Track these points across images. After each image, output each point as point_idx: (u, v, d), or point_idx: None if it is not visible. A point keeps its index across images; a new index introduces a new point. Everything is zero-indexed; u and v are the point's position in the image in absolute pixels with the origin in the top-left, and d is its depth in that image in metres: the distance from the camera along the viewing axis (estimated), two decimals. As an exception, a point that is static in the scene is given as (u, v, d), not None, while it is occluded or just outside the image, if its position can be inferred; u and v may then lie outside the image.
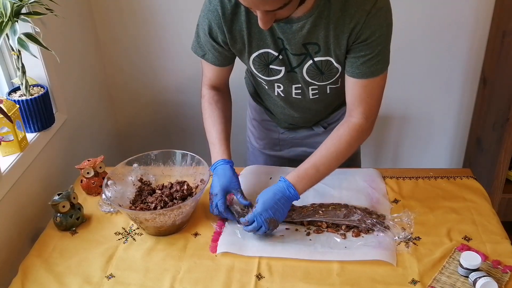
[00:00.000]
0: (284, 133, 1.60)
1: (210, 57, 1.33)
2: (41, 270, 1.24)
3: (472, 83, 2.24)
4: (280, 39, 1.22)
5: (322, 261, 1.22)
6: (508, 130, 2.00)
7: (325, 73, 1.29)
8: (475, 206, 1.38)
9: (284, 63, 1.28)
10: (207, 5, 1.24)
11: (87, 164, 1.50)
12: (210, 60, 1.34)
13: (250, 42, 1.25)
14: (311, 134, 1.59)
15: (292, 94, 1.38)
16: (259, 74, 1.33)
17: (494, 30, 2.06)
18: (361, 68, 1.22)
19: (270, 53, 1.26)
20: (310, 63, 1.26)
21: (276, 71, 1.30)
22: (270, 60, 1.28)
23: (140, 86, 2.29)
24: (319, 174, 1.29)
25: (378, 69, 1.22)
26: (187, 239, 1.32)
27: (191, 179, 1.44)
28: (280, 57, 1.26)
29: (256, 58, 1.28)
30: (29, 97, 1.52)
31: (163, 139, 2.44)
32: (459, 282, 1.14)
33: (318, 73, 1.29)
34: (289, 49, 1.24)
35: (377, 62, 1.21)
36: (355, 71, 1.23)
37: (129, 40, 2.17)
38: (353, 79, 1.24)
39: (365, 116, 1.29)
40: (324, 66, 1.26)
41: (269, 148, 1.65)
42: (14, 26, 1.39)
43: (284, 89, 1.37)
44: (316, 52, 1.23)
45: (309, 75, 1.30)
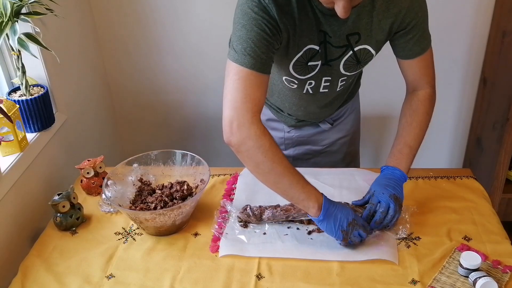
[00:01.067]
0: (290, 132, 1.60)
1: (262, 64, 1.14)
2: (41, 270, 1.24)
3: (472, 83, 2.24)
4: (322, 32, 1.21)
5: (322, 261, 1.22)
6: (508, 130, 2.00)
7: (362, 62, 1.30)
8: (475, 206, 1.38)
9: (321, 56, 1.27)
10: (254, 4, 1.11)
11: (87, 164, 1.50)
12: (262, 69, 1.14)
13: (299, 41, 1.19)
14: (317, 132, 1.60)
15: (320, 89, 1.37)
16: (297, 74, 1.29)
17: (494, 30, 2.06)
18: (414, 49, 1.28)
19: (313, 48, 1.23)
20: (350, 54, 1.26)
21: (313, 67, 1.28)
22: (310, 56, 1.25)
23: (140, 86, 2.29)
24: (413, 150, 1.33)
25: (427, 43, 1.29)
26: (187, 239, 1.32)
27: (191, 179, 1.44)
28: (319, 51, 1.25)
29: (300, 57, 1.24)
30: (29, 97, 1.52)
31: (163, 139, 2.44)
32: (459, 282, 1.14)
33: (355, 63, 1.30)
34: (332, 42, 1.23)
35: (425, 38, 1.28)
36: (408, 53, 1.29)
37: (129, 40, 2.17)
38: (409, 60, 1.30)
39: (430, 85, 1.35)
40: (362, 54, 1.28)
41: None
42: (14, 26, 1.39)
43: (314, 84, 1.35)
44: (357, 42, 1.24)
45: (345, 67, 1.30)
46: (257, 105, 1.16)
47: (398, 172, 1.30)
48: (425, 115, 1.35)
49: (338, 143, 1.63)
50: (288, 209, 1.33)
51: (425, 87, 1.35)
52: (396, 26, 1.23)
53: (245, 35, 1.13)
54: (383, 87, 2.24)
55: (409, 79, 1.36)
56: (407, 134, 1.34)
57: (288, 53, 1.23)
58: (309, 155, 1.64)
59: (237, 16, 1.15)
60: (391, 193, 1.25)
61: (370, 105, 2.17)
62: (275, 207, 1.34)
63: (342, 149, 1.65)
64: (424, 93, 1.35)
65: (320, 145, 1.62)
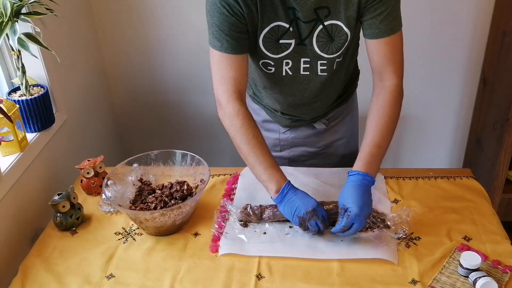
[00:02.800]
0: (285, 133, 1.60)
1: (230, 44, 1.23)
2: (41, 270, 1.24)
3: (472, 83, 2.25)
4: (291, 9, 1.21)
5: (322, 260, 1.22)
6: (508, 130, 2.00)
7: (335, 40, 1.28)
8: (475, 206, 1.38)
9: (294, 35, 1.26)
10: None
11: (87, 164, 1.50)
12: (229, 49, 1.24)
13: (263, 16, 1.22)
14: (312, 133, 1.59)
15: (301, 71, 1.35)
16: (268, 53, 1.30)
17: (494, 30, 2.06)
18: (380, 27, 1.23)
19: (281, 25, 1.24)
20: (320, 28, 1.25)
21: (286, 45, 1.28)
22: (280, 34, 1.25)
23: (140, 86, 2.29)
24: (382, 150, 1.29)
25: (396, 25, 1.25)
26: (187, 239, 1.32)
27: (191, 179, 1.44)
28: (290, 29, 1.25)
29: (267, 33, 1.25)
30: (29, 97, 1.52)
31: (163, 139, 2.44)
32: (459, 282, 1.14)
33: (328, 40, 1.27)
34: (301, 17, 1.22)
35: (394, 18, 1.24)
36: (375, 31, 1.25)
37: (129, 40, 2.17)
38: (375, 40, 1.26)
39: (397, 75, 1.29)
40: (334, 31, 1.26)
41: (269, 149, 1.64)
42: (14, 26, 1.39)
43: (292, 65, 1.34)
44: (326, 16, 1.23)
45: (319, 45, 1.28)
46: (233, 85, 1.27)
47: (369, 178, 1.24)
48: (393, 110, 1.29)
49: (334, 145, 1.62)
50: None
51: (391, 76, 1.29)
52: (365, 1, 1.21)
53: (210, 20, 1.23)
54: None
55: (374, 65, 1.30)
56: (376, 133, 1.28)
57: (255, 29, 1.25)
58: (305, 157, 1.63)
59: (205, 3, 1.24)
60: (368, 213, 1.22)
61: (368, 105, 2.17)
62: (276, 206, 1.34)
63: (339, 151, 1.64)
64: (391, 85, 1.29)
65: (316, 147, 1.62)
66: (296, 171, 1.52)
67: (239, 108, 1.27)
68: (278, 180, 1.26)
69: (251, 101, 1.61)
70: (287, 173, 1.51)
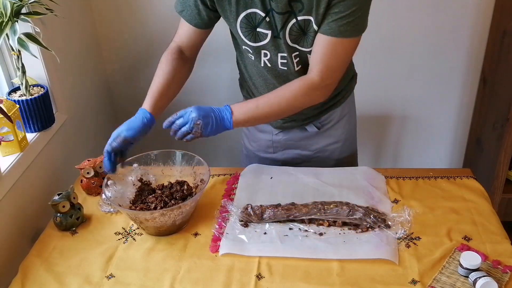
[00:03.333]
0: (277, 134, 1.60)
1: (188, 14, 1.34)
2: (41, 270, 1.24)
3: (472, 83, 2.25)
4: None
5: (322, 260, 1.22)
6: (508, 130, 2.00)
7: (307, 34, 1.28)
8: (475, 206, 1.38)
9: (271, 27, 1.28)
10: None
11: (87, 164, 1.50)
12: (186, 17, 1.35)
13: (238, 1, 1.25)
14: (305, 136, 1.58)
15: (279, 65, 1.37)
16: (246, 39, 1.32)
17: (494, 30, 2.06)
18: (331, 25, 1.22)
19: (258, 13, 1.26)
20: (293, 22, 1.26)
21: (263, 35, 1.30)
22: (257, 22, 1.27)
23: (140, 85, 2.29)
24: (259, 110, 1.32)
25: (347, 30, 1.22)
26: (187, 239, 1.32)
27: (191, 179, 1.44)
28: (267, 19, 1.26)
29: (244, 19, 1.28)
30: (29, 97, 1.52)
31: (163, 139, 2.43)
32: (459, 282, 1.14)
33: (300, 34, 1.28)
34: (275, 8, 1.23)
35: (348, 22, 1.21)
36: (324, 28, 1.23)
37: (129, 40, 2.17)
38: (321, 35, 1.25)
39: (321, 76, 1.29)
40: (307, 25, 1.26)
41: (262, 150, 1.64)
42: (14, 26, 1.39)
43: (270, 57, 1.36)
44: (300, 11, 1.24)
45: (292, 37, 1.29)
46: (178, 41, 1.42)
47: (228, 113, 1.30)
48: (292, 95, 1.31)
49: (328, 149, 1.61)
50: (289, 208, 1.33)
51: (315, 74, 1.28)
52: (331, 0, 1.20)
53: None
54: (380, 87, 2.24)
55: (311, 56, 1.30)
56: (264, 96, 1.34)
57: (231, 14, 1.28)
58: (299, 160, 1.62)
59: None
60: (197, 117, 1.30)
61: (367, 106, 2.17)
62: (276, 207, 1.34)
63: (333, 156, 1.62)
64: (309, 79, 1.30)
65: (309, 150, 1.61)
66: (297, 171, 1.52)
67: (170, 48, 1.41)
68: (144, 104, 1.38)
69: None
70: (287, 173, 1.52)
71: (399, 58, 2.15)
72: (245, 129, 1.67)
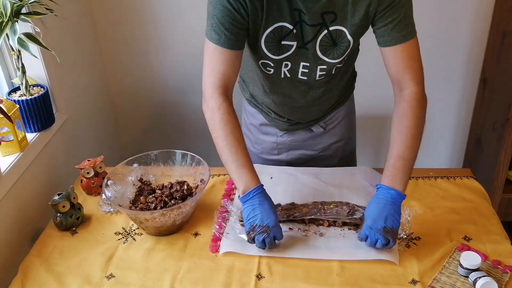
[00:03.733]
0: (282, 136, 1.59)
1: (227, 39, 1.21)
2: (41, 270, 1.24)
3: (472, 83, 2.25)
4: (297, 11, 1.20)
5: (322, 260, 1.22)
6: (508, 130, 2.00)
7: (338, 45, 1.27)
8: (475, 206, 1.38)
9: (297, 38, 1.26)
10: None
11: (87, 164, 1.50)
12: (226, 44, 1.22)
13: (268, 15, 1.20)
14: (310, 136, 1.59)
15: (299, 74, 1.34)
16: (269, 53, 1.28)
17: (494, 30, 2.06)
18: (393, 34, 1.23)
19: (285, 27, 1.23)
20: (325, 33, 1.24)
21: (288, 47, 1.27)
22: (283, 35, 1.24)
23: (140, 85, 2.29)
24: (407, 162, 1.25)
25: (409, 32, 1.23)
26: (187, 239, 1.32)
27: (191, 179, 1.44)
28: (294, 31, 1.24)
29: (270, 33, 1.24)
30: (29, 97, 1.52)
31: (163, 139, 2.44)
32: (459, 282, 1.14)
33: (331, 45, 1.27)
34: (306, 20, 1.21)
35: (406, 25, 1.22)
36: (387, 39, 1.24)
37: (129, 40, 2.17)
38: (389, 48, 1.25)
39: (415, 82, 1.27)
40: (338, 36, 1.25)
41: (266, 152, 1.64)
42: (14, 26, 1.39)
43: (291, 67, 1.33)
44: (332, 21, 1.22)
45: (321, 48, 1.27)
46: (221, 79, 1.25)
47: (394, 192, 1.21)
48: (415, 120, 1.26)
49: (331, 148, 1.62)
50: (289, 208, 1.33)
51: (410, 84, 1.27)
52: (374, 10, 1.20)
53: (212, 12, 1.21)
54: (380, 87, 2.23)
55: (392, 73, 1.29)
56: (398, 144, 1.25)
57: (258, 28, 1.23)
58: (302, 160, 1.62)
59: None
60: (381, 226, 1.18)
61: (367, 106, 2.17)
62: (276, 207, 1.34)
63: (337, 154, 1.63)
64: (410, 93, 1.27)
65: (313, 150, 1.61)
66: (296, 171, 1.52)
67: (221, 103, 1.25)
68: (247, 182, 1.23)
69: (248, 105, 1.60)
70: (287, 173, 1.52)
71: (399, 58, 2.15)
72: (248, 132, 1.66)
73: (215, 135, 1.28)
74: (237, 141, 1.25)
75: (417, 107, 1.27)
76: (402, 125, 1.26)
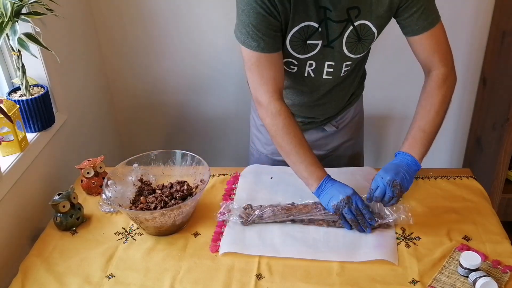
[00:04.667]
0: None
1: (266, 43, 1.22)
2: (41, 270, 1.24)
3: (472, 83, 2.24)
4: (323, 8, 1.21)
5: (322, 260, 1.22)
6: (508, 130, 2.00)
7: (362, 39, 1.28)
8: (475, 206, 1.38)
9: (322, 37, 1.26)
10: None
11: (87, 164, 1.50)
12: (267, 49, 1.22)
13: (294, 15, 1.21)
14: (322, 136, 1.59)
15: (323, 74, 1.35)
16: (294, 52, 1.28)
17: (494, 30, 2.06)
18: (419, 23, 1.25)
19: (311, 25, 1.23)
20: (351, 29, 1.25)
21: (313, 46, 1.27)
22: (309, 35, 1.25)
23: (140, 85, 2.29)
24: (427, 134, 1.29)
25: (434, 18, 1.26)
26: (187, 239, 1.32)
27: (191, 179, 1.44)
28: (319, 30, 1.24)
29: (296, 33, 1.24)
30: (29, 97, 1.52)
31: (163, 139, 2.44)
32: (459, 282, 1.14)
33: (356, 41, 1.28)
34: (333, 17, 1.22)
35: (430, 12, 1.25)
36: (415, 28, 1.26)
37: (129, 40, 2.17)
38: (417, 37, 1.28)
39: (443, 63, 1.31)
40: (362, 30, 1.26)
41: (277, 153, 1.63)
42: (14, 26, 1.39)
43: (316, 67, 1.33)
44: (356, 16, 1.23)
45: (348, 45, 1.28)
46: (273, 84, 1.27)
47: (409, 158, 1.27)
48: (440, 97, 1.30)
49: (342, 147, 1.63)
50: (289, 208, 1.33)
51: (438, 66, 1.31)
52: (397, 0, 1.22)
53: (246, 20, 1.20)
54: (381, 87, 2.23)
55: (421, 59, 1.33)
56: (421, 118, 1.30)
57: (286, 28, 1.24)
58: None
59: (237, 2, 1.22)
60: (391, 178, 1.24)
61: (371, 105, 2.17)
62: (276, 206, 1.34)
63: (346, 153, 1.64)
64: (438, 74, 1.31)
65: (324, 150, 1.61)
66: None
67: (280, 108, 1.29)
68: (318, 176, 1.29)
69: None
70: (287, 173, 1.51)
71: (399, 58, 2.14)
72: (258, 133, 1.65)
73: (279, 140, 1.31)
74: (301, 142, 1.30)
75: (443, 87, 1.31)
76: (427, 102, 1.31)
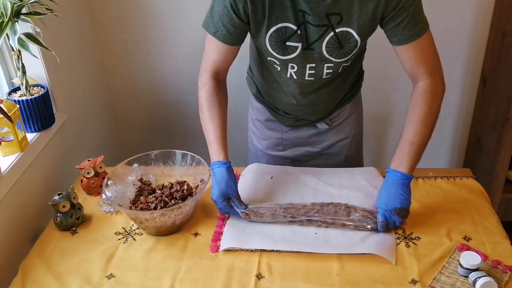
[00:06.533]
0: (287, 132, 1.60)
1: (223, 34, 1.28)
2: (41, 270, 1.24)
3: (472, 83, 2.25)
4: (301, 12, 1.21)
5: (322, 260, 1.22)
6: (508, 130, 2.00)
7: (344, 47, 1.28)
8: (475, 206, 1.38)
9: (302, 39, 1.27)
10: None
11: (87, 164, 1.50)
12: (221, 38, 1.29)
13: (270, 15, 1.23)
14: (315, 133, 1.59)
15: (306, 76, 1.36)
16: (274, 52, 1.30)
17: (494, 30, 2.06)
18: (405, 33, 1.24)
19: (289, 27, 1.24)
20: (331, 35, 1.25)
21: (293, 48, 1.28)
22: (287, 36, 1.26)
23: (141, 85, 2.29)
24: (415, 147, 1.30)
25: (420, 28, 1.25)
26: (187, 239, 1.32)
27: (191, 179, 1.44)
28: (298, 32, 1.25)
29: (274, 33, 1.26)
30: (29, 97, 1.52)
31: (163, 139, 2.44)
32: (459, 282, 1.14)
33: (337, 47, 1.28)
34: (311, 21, 1.22)
35: (417, 22, 1.24)
36: (400, 38, 1.26)
37: (129, 40, 2.17)
38: (402, 46, 1.27)
39: (430, 74, 1.30)
40: (344, 38, 1.26)
41: (272, 148, 1.65)
42: (14, 26, 1.39)
43: (297, 69, 1.34)
44: (338, 23, 1.23)
45: (328, 50, 1.28)
46: (212, 65, 1.36)
47: (399, 174, 1.29)
48: (426, 109, 1.29)
49: (337, 145, 1.62)
50: (289, 208, 1.33)
51: (424, 77, 1.30)
52: (381, 10, 1.21)
53: (215, 6, 1.27)
54: (384, 87, 2.24)
55: (406, 69, 1.32)
56: (408, 130, 1.31)
57: (261, 27, 1.26)
58: (307, 157, 1.63)
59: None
60: (392, 207, 1.26)
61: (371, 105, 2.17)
62: (275, 206, 1.34)
63: (342, 152, 1.64)
64: (424, 85, 1.30)
65: (318, 147, 1.62)
66: (296, 171, 1.53)
67: (206, 82, 1.36)
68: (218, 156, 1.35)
69: (254, 100, 1.61)
70: (287, 173, 1.52)
71: (399, 58, 2.15)
72: (254, 128, 1.67)
73: (201, 109, 1.38)
74: (218, 113, 1.36)
75: (429, 98, 1.31)
76: (413, 113, 1.31)
